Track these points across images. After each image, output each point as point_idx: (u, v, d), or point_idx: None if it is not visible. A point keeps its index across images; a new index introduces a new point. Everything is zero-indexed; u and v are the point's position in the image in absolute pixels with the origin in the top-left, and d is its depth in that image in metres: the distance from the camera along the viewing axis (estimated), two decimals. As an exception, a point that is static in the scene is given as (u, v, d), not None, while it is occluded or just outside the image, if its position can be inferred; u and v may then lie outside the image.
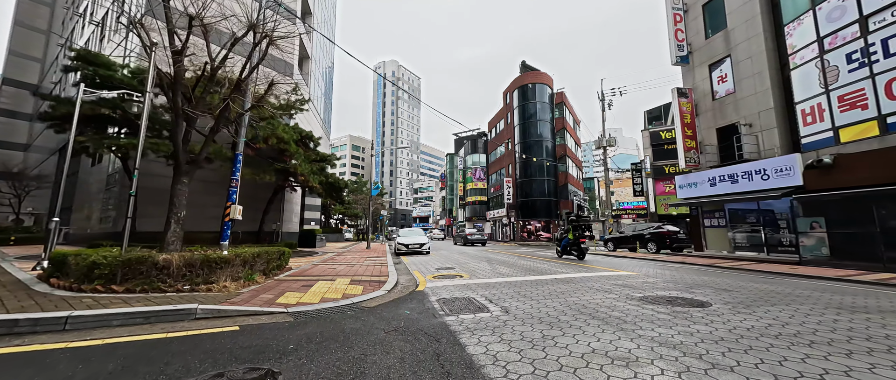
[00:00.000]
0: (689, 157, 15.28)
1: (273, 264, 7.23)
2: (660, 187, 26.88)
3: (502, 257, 14.08)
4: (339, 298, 5.61)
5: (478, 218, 54.70)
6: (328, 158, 16.98)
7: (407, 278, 8.10)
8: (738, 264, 10.65)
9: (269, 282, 6.50)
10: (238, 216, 7.11)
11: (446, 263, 11.41)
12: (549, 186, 34.53)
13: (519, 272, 8.87)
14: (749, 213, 13.52)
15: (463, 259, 13.13)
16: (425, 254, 16.66)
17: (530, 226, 34.65)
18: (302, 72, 22.81)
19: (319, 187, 15.53)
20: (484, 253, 17.19)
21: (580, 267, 10.03)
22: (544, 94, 35.85)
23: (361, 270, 9.00)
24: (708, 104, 15.27)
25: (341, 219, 55.08)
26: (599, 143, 28.77)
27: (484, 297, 5.65)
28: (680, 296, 5.39)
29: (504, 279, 7.61)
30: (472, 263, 11.67)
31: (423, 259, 13.44)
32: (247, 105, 6.97)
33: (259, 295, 5.34)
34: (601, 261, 12.39)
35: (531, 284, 6.95)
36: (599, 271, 8.82)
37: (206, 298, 4.86)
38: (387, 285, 6.81)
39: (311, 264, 10.27)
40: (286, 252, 8.06)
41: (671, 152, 26.56)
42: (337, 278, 7.43)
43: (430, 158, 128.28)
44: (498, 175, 43.07)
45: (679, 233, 16.78)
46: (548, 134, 35.29)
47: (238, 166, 7.28)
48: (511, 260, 12.75)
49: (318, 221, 27.76)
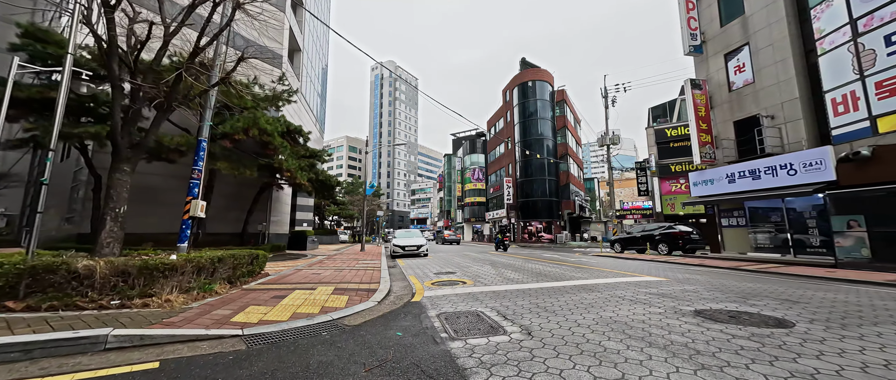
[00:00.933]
0: (705, 152, 14.31)
1: (242, 270, 6.10)
2: (665, 187, 25.95)
3: (506, 260, 13.00)
4: (316, 312, 4.51)
5: (476, 219, 53.63)
6: (319, 153, 15.87)
7: (402, 286, 7.00)
8: (766, 267, 9.65)
9: (234, 292, 5.37)
10: (200, 213, 5.98)
11: (446, 267, 10.31)
12: (551, 186, 33.53)
13: (529, 277, 7.79)
14: (772, 211, 12.54)
15: (464, 262, 12.05)
16: (423, 256, 15.56)
17: (531, 227, 33.61)
18: (292, 65, 21.70)
19: (308, 185, 14.39)
20: (486, 255, 16.12)
21: (597, 272, 8.97)
22: (545, 91, 34.93)
23: (350, 276, 7.88)
24: (724, 96, 14.33)
25: (337, 221, 53.82)
26: (602, 140, 27.85)
27: (495, 311, 4.57)
28: (743, 310, 4.33)
29: (515, 286, 6.52)
30: (475, 266, 10.59)
31: (421, 262, 12.34)
32: (214, 79, 5.84)
33: (212, 311, 4.22)
34: (612, 264, 11.35)
35: (548, 292, 5.87)
36: (622, 277, 7.76)
37: (134, 317, 3.74)
38: (377, 295, 5.70)
39: (294, 269, 9.13)
40: (261, 255, 6.93)
41: (677, 150, 25.69)
42: (319, 287, 6.31)
43: (427, 159, 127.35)
44: (497, 175, 42.05)
45: (692, 233, 15.78)
46: (549, 132, 34.34)
47: (201, 154, 6.16)
48: (516, 263, 11.68)
49: (310, 223, 26.55)
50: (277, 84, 13.45)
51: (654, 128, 26.98)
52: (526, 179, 34.58)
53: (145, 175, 12.84)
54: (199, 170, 6.14)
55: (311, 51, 25.35)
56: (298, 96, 21.17)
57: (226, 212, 15.06)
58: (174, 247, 9.47)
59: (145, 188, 12.96)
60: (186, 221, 5.93)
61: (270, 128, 11.02)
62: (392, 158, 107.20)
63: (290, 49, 21.19)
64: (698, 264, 11.02)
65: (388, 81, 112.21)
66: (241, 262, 6.03)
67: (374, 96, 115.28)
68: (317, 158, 15.74)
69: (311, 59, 25.41)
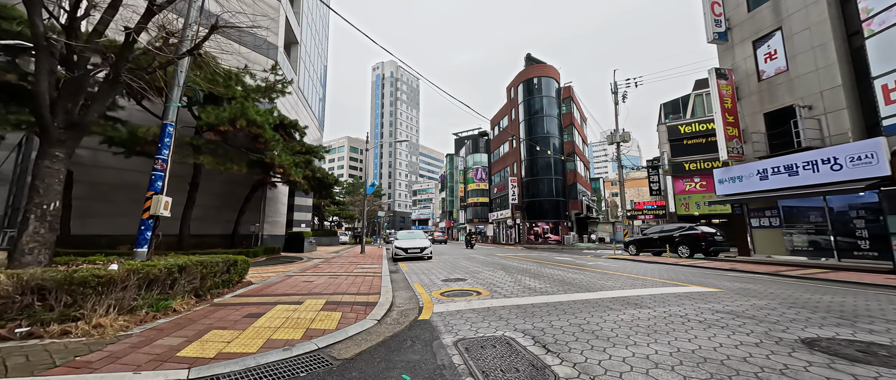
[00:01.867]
0: (732, 147, 13.23)
1: (214, 280, 5.07)
2: (679, 186, 24.84)
3: (518, 264, 11.95)
4: (297, 338, 3.48)
5: (480, 220, 52.58)
6: (316, 150, 14.86)
7: (406, 297, 5.95)
8: (811, 273, 8.56)
9: (200, 309, 4.34)
10: (164, 211, 4.95)
11: (454, 273, 9.26)
12: (557, 186, 32.43)
13: (554, 286, 6.74)
14: (811, 211, 11.44)
15: (473, 267, 10.99)
16: (426, 259, 14.53)
17: (537, 228, 32.51)
18: (289, 58, 20.72)
19: (304, 183, 13.37)
20: (493, 258, 15.06)
21: (628, 279, 7.91)
22: (551, 88, 33.87)
23: (346, 285, 6.83)
24: (752, 86, 13.25)
25: (337, 222, 52.85)
26: (612, 138, 26.77)
27: (530, 336, 3.52)
28: (869, 340, 3.27)
29: (541, 299, 5.47)
30: (486, 271, 9.53)
31: (426, 266, 11.30)
32: (184, 48, 4.82)
33: (157, 340, 3.19)
34: (637, 269, 10.27)
35: (585, 307, 4.82)
36: (663, 286, 6.69)
37: (36, 354, 2.71)
38: (377, 311, 4.66)
39: (284, 276, 8.09)
40: (240, 262, 5.90)
41: (692, 148, 24.60)
42: (307, 299, 5.27)
43: (429, 159, 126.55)
44: (501, 175, 40.99)
45: (715, 234, 14.69)
46: (555, 130, 33.26)
47: (166, 142, 5.14)
48: (531, 268, 10.61)
49: (309, 223, 25.54)
50: (270, 73, 12.44)
51: (667, 124, 25.88)
52: (531, 179, 33.51)
53: (124, 171, 11.87)
54: (163, 160, 5.11)
55: (309, 45, 24.39)
56: (295, 90, 20.21)
57: (215, 212, 14.07)
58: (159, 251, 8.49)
59: (124, 186, 11.98)
60: (146, 221, 4.90)
61: (260, 119, 10.01)
62: (393, 158, 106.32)
63: (287, 41, 20.22)
64: (730, 269, 9.95)
65: (389, 82, 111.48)
66: (213, 270, 4.99)
67: (375, 97, 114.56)
68: (313, 154, 14.74)
69: (309, 54, 24.46)
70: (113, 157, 10.71)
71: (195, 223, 13.31)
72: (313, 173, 13.87)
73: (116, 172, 11.52)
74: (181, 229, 10.75)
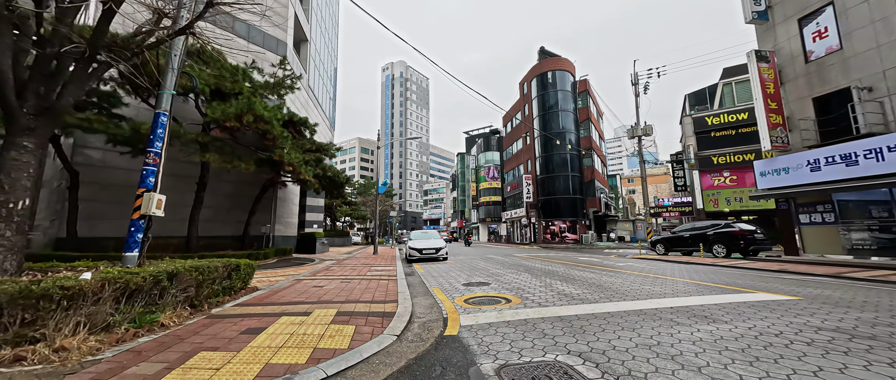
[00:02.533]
0: (776, 136, 12.06)
1: (213, 288, 4.49)
2: (707, 181, 23.44)
3: (542, 265, 11.13)
4: (302, 362, 2.84)
5: (492, 219, 51.66)
6: (326, 147, 14.37)
7: (426, 305, 5.27)
8: (881, 275, 7.45)
9: (192, 323, 3.75)
10: (156, 211, 4.41)
11: (475, 276, 8.54)
12: (574, 183, 31.26)
13: (592, 292, 5.94)
14: (873, 204, 10.24)
15: (492, 268, 10.24)
16: (442, 261, 13.86)
17: (554, 226, 31.42)
18: (299, 55, 20.39)
19: (315, 181, 12.88)
20: (512, 259, 14.26)
21: (676, 284, 7.04)
22: (566, 81, 32.70)
23: (359, 291, 6.20)
24: (799, 68, 12.05)
25: (350, 222, 52.81)
26: (633, 132, 25.50)
27: (590, 362, 2.78)
28: None
29: (584, 309, 4.70)
30: (509, 274, 8.77)
31: (442, 268, 10.62)
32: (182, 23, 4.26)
33: (130, 366, 2.58)
34: (669, 270, 9.31)
35: (641, 319, 4.03)
36: (723, 293, 5.81)
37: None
38: (395, 324, 4.00)
39: (293, 280, 7.53)
40: (244, 266, 5.34)
41: (720, 140, 23.15)
42: (316, 309, 4.64)
43: (439, 159, 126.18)
44: (515, 173, 39.99)
45: (756, 232, 13.50)
46: (571, 125, 32.07)
47: (159, 133, 4.60)
48: (558, 269, 9.79)
49: (321, 224, 25.24)
50: (279, 69, 11.99)
51: (693, 116, 24.44)
52: (547, 176, 32.43)
53: (133, 172, 11.57)
54: (155, 153, 4.57)
55: (319, 43, 24.06)
56: (305, 88, 19.85)
57: (226, 213, 13.75)
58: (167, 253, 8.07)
59: (133, 187, 11.68)
60: (136, 222, 4.36)
61: (268, 115, 9.52)
62: (404, 158, 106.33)
63: (297, 38, 19.89)
64: (780, 270, 8.90)
65: (398, 82, 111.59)
66: (211, 276, 4.41)
67: (384, 97, 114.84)
68: (324, 152, 14.25)
69: (319, 52, 24.14)
70: (121, 157, 10.43)
71: (205, 225, 13.01)
72: (324, 172, 13.38)
73: (125, 173, 11.26)
74: (189, 231, 10.39)
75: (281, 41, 16.20)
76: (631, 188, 74.72)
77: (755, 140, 22.05)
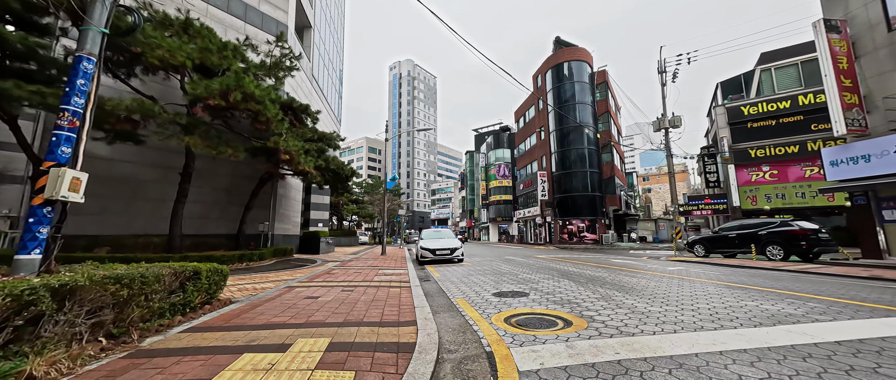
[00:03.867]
0: (852, 118, 10.27)
1: (152, 306, 3.09)
2: (743, 176, 21.49)
3: (574, 268, 9.56)
4: None
5: (503, 219, 50.04)
6: (330, 137, 13.04)
7: (454, 326, 3.81)
8: None
9: (92, 370, 2.34)
10: (71, 195, 3.03)
11: (503, 281, 7.04)
12: (593, 180, 29.43)
13: (674, 308, 4.40)
14: None
15: (520, 272, 8.72)
16: (457, 262, 12.41)
17: (571, 226, 29.63)
18: (302, 43, 19.15)
19: (316, 174, 11.54)
20: (536, 260, 12.72)
21: (768, 295, 5.45)
22: (583, 73, 30.88)
23: (363, 304, 4.75)
24: (880, 39, 10.24)
25: (357, 222, 51.73)
26: (660, 124, 23.62)
27: None
28: None
29: (699, 339, 3.17)
30: (544, 280, 7.25)
31: (460, 271, 9.15)
32: None
33: None
34: (732, 277, 7.67)
35: (790, 355, 2.48)
36: (858, 314, 4.22)
37: None
38: (418, 367, 2.53)
39: (284, 287, 6.14)
40: (205, 272, 3.95)
41: (758, 132, 21.15)
42: (300, 338, 3.20)
43: (447, 158, 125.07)
44: (528, 170, 38.29)
45: (820, 231, 11.71)
46: (589, 119, 30.25)
47: (81, 85, 3.23)
48: (600, 274, 8.21)
49: (326, 223, 24.01)
50: (276, 47, 10.66)
51: (726, 106, 22.45)
52: (563, 173, 30.68)
53: (114, 162, 10.38)
54: (71, 113, 3.20)
55: (324, 32, 22.81)
56: (308, 77, 18.57)
57: (220, 209, 12.51)
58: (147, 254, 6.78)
59: (112, 179, 10.47)
60: (38, 209, 2.99)
61: (260, 94, 8.18)
62: (411, 157, 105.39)
63: (299, 24, 18.63)
64: (870, 277, 7.21)
65: (406, 80, 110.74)
66: (148, 290, 3.01)
67: (392, 96, 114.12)
68: (327, 142, 12.91)
69: (324, 41, 22.90)
70: (99, 145, 9.23)
71: (195, 222, 11.78)
72: (327, 164, 12.06)
73: (106, 163, 10.07)
74: (171, 228, 9.10)
75: (281, 23, 14.95)
76: (646, 187, 72.21)
77: (799, 131, 20.07)
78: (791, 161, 19.92)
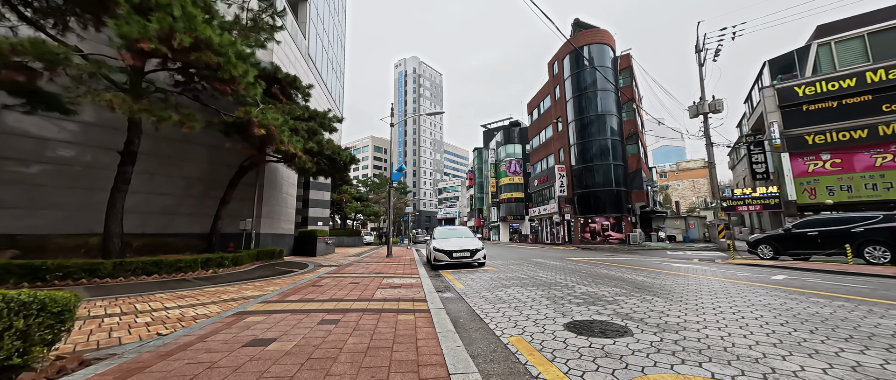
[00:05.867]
0: None
1: None
2: (799, 166, 18.83)
3: (633, 275, 7.21)
4: None
5: (514, 217, 47.63)
6: (324, 117, 10.86)
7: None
8: None
9: None
10: None
11: (565, 302, 4.74)
12: (617, 173, 26.85)
13: None
14: None
15: (564, 279, 6.41)
16: (478, 267, 10.17)
17: (594, 224, 27.10)
18: (296, 18, 17.06)
19: (307, 158, 9.34)
20: (572, 263, 10.38)
21: None
22: (605, 57, 28.31)
23: (347, 363, 2.47)
24: None
25: (362, 221, 49.71)
26: (697, 109, 21.01)
27: None
28: None
29: None
30: (621, 297, 4.93)
31: (487, 279, 6.89)
32: None
33: None
34: (856, 287, 5.27)
35: None
36: None
37: None
38: None
39: (230, 316, 3.93)
40: None
41: (816, 115, 18.45)
42: None
43: (454, 157, 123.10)
44: (543, 164, 35.79)
45: (941, 228, 9.17)
46: (612, 107, 27.67)
47: None
48: (676, 285, 5.85)
49: (327, 221, 21.91)
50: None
51: (777, 87, 19.76)
52: (584, 167, 28.17)
53: (47, 141, 8.16)
54: None
55: (322, 10, 20.68)
56: (303, 55, 16.40)
57: (194, 203, 10.41)
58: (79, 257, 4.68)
59: (46, 163, 8.28)
60: None
61: (221, 42, 6.01)
62: (417, 156, 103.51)
63: (293, -4, 16.52)
64: None
65: (411, 78, 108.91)
66: None
67: (397, 94, 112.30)
68: (321, 122, 10.72)
69: (322, 19, 20.80)
70: (27, 120, 7.18)
71: (160, 219, 9.69)
72: (320, 147, 9.87)
73: (35, 143, 7.96)
74: (107, 226, 6.86)
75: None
76: (663, 184, 69.06)
77: (867, 112, 17.36)
78: (858, 147, 17.23)
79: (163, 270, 6.50)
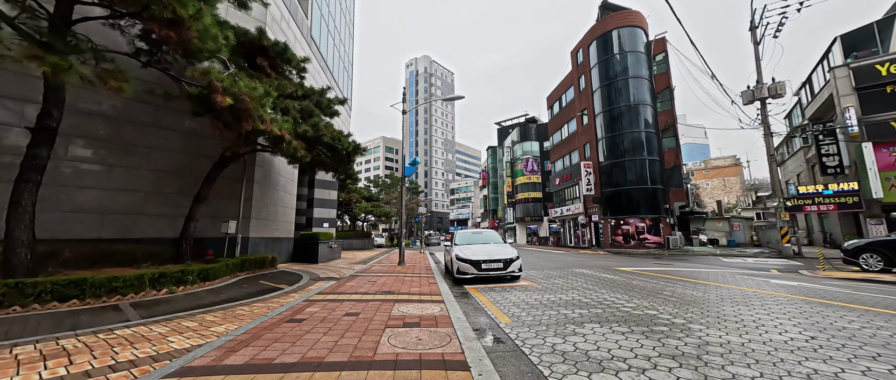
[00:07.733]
0: None
1: None
2: (883, 157, 15.90)
3: (795, 310, 4.91)
4: None
5: (532, 219, 45.09)
6: (321, 95, 8.93)
7: None
8: None
9: None
10: None
11: (684, 350, 2.54)
12: (653, 170, 24.15)
13: None
14: None
15: (650, 307, 4.21)
16: (511, 281, 8.06)
17: (627, 226, 24.45)
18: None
19: (299, 144, 7.39)
20: (624, 275, 8.09)
21: None
22: (637, 41, 25.66)
23: None
24: None
25: (372, 222, 48.01)
26: (754, 94, 18.24)
27: None
28: None
29: None
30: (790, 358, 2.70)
31: (533, 303, 4.73)
32: None
33: None
34: None
35: None
36: None
37: None
38: None
39: None
40: None
41: (904, 96, 15.51)
42: None
43: (466, 157, 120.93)
44: (566, 161, 33.22)
45: None
46: (646, 96, 24.98)
47: None
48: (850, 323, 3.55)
49: (333, 222, 20.13)
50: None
51: (852, 66, 16.86)
52: (614, 162, 25.57)
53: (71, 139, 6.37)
54: None
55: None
56: (306, 36, 14.55)
57: (165, 202, 8.61)
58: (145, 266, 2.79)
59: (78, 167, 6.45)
60: None
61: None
62: (429, 156, 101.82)
63: (294, -30, 14.77)
64: None
65: (423, 77, 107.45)
66: None
67: (409, 93, 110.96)
68: (315, 100, 8.78)
69: (328, 2, 19.06)
70: None
71: (120, 220, 7.92)
72: (316, 132, 7.93)
73: None
74: (10, 231, 4.92)
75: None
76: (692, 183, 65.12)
77: (975, 92, 14.39)
78: (963, 134, 14.31)
79: (87, 293, 4.65)
